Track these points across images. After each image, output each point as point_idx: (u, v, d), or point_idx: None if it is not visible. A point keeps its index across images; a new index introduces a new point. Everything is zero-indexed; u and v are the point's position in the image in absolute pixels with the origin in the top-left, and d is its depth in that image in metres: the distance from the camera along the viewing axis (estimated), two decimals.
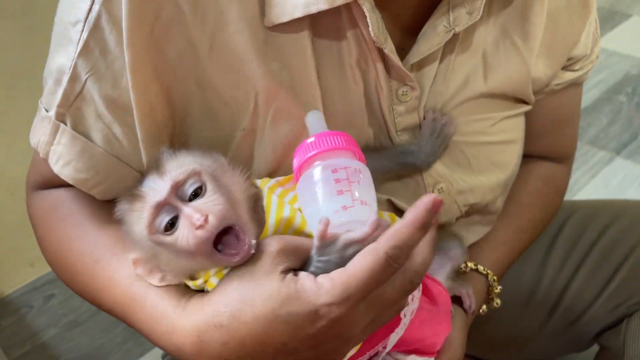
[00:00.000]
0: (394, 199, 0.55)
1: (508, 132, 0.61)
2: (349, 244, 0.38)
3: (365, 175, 0.40)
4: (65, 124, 0.46)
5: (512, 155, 0.63)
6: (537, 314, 0.77)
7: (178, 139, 0.48)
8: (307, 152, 0.41)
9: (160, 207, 0.39)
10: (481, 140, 0.59)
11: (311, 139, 0.41)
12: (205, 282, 0.41)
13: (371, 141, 0.53)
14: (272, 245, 0.39)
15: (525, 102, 0.61)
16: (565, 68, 0.60)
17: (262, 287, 0.38)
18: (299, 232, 0.42)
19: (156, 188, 0.39)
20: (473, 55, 0.54)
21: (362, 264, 0.37)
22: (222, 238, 0.39)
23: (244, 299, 0.38)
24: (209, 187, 0.40)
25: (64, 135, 0.47)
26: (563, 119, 0.68)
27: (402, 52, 0.49)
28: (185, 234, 0.38)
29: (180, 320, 0.40)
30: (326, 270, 0.38)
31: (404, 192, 0.57)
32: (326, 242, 0.38)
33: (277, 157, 0.49)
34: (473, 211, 0.62)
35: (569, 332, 0.78)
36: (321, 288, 0.37)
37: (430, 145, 0.53)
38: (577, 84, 0.64)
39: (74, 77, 0.44)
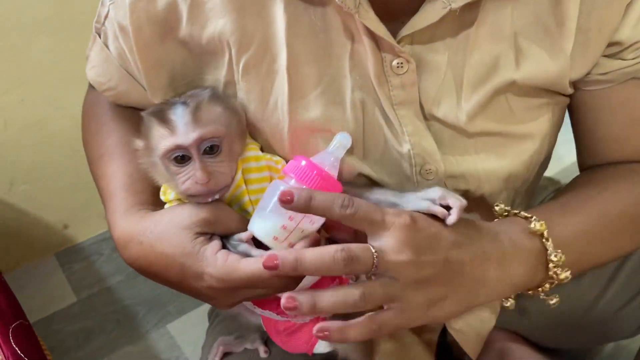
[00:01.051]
0: (373, 175, 0.55)
1: (527, 124, 0.57)
2: (247, 253, 0.48)
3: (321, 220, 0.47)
4: (100, 36, 0.58)
5: (523, 151, 0.58)
6: (588, 294, 0.77)
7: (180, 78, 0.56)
8: (303, 169, 0.47)
9: (180, 148, 0.47)
10: (493, 130, 0.56)
11: (318, 161, 0.48)
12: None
13: (360, 111, 0.53)
14: (202, 212, 0.49)
15: (560, 94, 0.56)
16: (612, 56, 0.54)
17: (178, 235, 0.48)
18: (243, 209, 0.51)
19: (184, 130, 0.47)
20: (502, 38, 0.51)
21: (250, 267, 0.45)
22: None
23: (163, 236, 0.49)
24: (223, 151, 0.48)
25: (96, 45, 0.59)
26: (638, 119, 0.58)
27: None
28: (187, 181, 0.47)
29: (122, 222, 0.53)
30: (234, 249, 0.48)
31: (388, 168, 0.56)
32: (242, 239, 0.48)
33: (255, 110, 0.53)
34: (470, 203, 0.53)
35: (619, 315, 0.77)
36: (215, 260, 0.47)
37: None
38: None
39: (104, 2, 0.55)
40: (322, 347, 0.60)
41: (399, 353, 0.74)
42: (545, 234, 0.51)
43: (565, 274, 0.52)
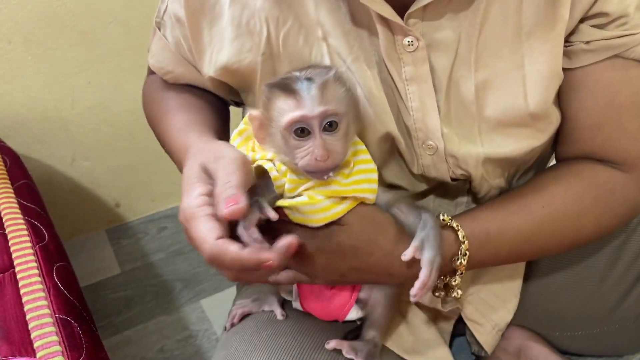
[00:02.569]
0: (398, 135, 0.58)
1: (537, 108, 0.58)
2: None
3: None
4: (159, 29, 0.66)
5: (529, 138, 0.60)
6: (608, 298, 0.77)
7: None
8: None
9: (304, 120, 0.48)
10: (500, 116, 0.58)
11: None
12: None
13: (380, 83, 0.57)
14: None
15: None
16: (597, 27, 0.55)
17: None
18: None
19: (311, 103, 0.48)
20: (508, 16, 0.53)
21: (239, 254, 0.46)
22: None
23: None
24: (341, 130, 0.49)
25: (156, 37, 0.66)
26: (620, 104, 0.59)
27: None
28: (306, 157, 0.49)
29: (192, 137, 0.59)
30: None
31: (402, 135, 0.59)
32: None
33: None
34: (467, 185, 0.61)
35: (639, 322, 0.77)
36: (209, 238, 0.47)
37: None
38: (631, 61, 0.56)
39: None
40: (354, 314, 0.64)
41: (411, 339, 0.75)
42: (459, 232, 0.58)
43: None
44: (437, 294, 0.62)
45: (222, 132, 0.69)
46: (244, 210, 0.46)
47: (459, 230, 0.58)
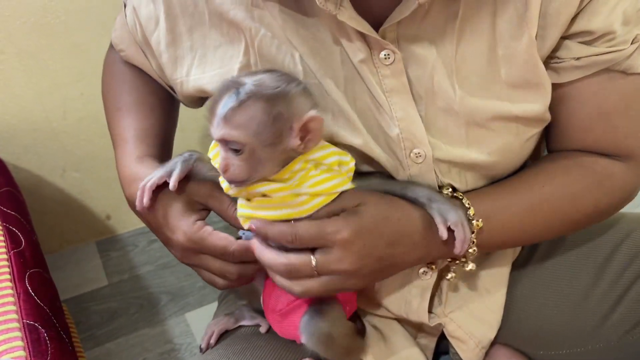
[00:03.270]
0: (381, 156, 0.59)
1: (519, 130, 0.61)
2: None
3: None
4: (125, 6, 0.68)
5: (511, 144, 0.61)
6: (592, 316, 0.75)
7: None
8: None
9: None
10: (483, 122, 0.59)
11: None
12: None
13: (353, 100, 0.58)
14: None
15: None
16: (585, 43, 0.56)
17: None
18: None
19: (216, 125, 0.50)
20: (483, 30, 0.55)
21: (218, 240, 0.57)
22: None
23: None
24: (244, 154, 0.50)
25: (120, 14, 0.70)
26: (608, 110, 0.61)
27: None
28: (219, 162, 0.51)
29: (132, 165, 0.64)
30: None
31: (385, 150, 0.60)
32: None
33: None
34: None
35: (624, 341, 0.75)
36: (192, 224, 0.57)
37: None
38: (617, 73, 0.58)
39: None
40: None
41: (391, 356, 0.74)
42: (475, 231, 0.59)
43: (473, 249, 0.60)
44: (449, 276, 0.66)
45: (167, 133, 0.73)
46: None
47: (462, 197, 0.60)
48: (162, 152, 0.66)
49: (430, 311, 0.73)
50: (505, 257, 0.77)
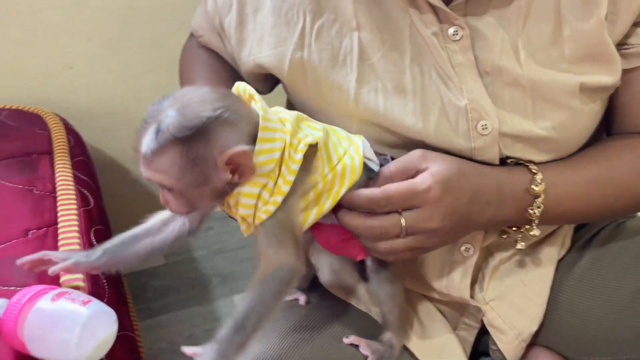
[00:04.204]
0: (431, 136, 0.60)
1: (584, 100, 0.62)
2: None
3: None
4: None
5: (578, 120, 0.62)
6: (638, 324, 0.73)
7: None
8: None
9: None
10: (549, 95, 0.60)
11: None
12: None
13: (419, 75, 0.60)
14: None
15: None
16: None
17: None
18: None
19: (142, 164, 0.47)
20: (548, 12, 0.58)
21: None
22: None
23: None
24: (175, 195, 0.49)
25: (201, 4, 0.73)
26: None
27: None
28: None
29: None
30: None
31: (445, 128, 0.61)
32: None
33: (326, 65, 0.62)
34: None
35: None
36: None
37: None
38: None
39: None
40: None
41: (428, 342, 0.74)
42: (542, 195, 0.60)
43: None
44: (518, 243, 0.64)
45: None
46: None
47: (529, 164, 0.61)
48: None
49: (471, 297, 0.73)
50: (552, 252, 0.76)
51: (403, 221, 0.56)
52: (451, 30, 0.58)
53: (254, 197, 0.50)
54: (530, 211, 0.62)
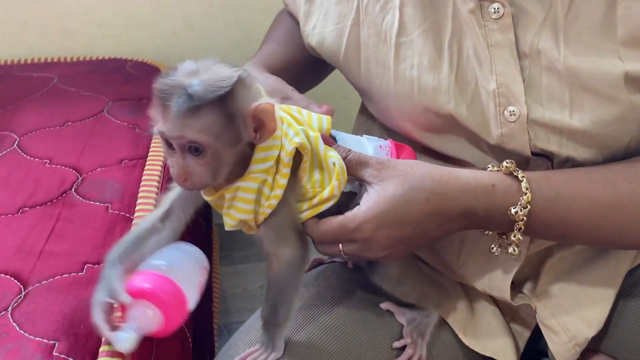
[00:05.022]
0: (462, 115, 0.60)
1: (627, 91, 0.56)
2: None
3: None
4: None
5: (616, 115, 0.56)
6: None
7: None
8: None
9: (166, 137, 0.48)
10: (588, 84, 0.56)
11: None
12: None
13: (456, 54, 0.60)
14: None
15: None
16: None
17: None
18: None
19: (173, 123, 0.46)
20: None
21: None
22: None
23: None
24: (207, 157, 0.48)
25: None
26: None
27: None
28: (171, 169, 0.49)
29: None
30: None
31: (476, 109, 0.60)
32: None
33: (373, 42, 0.64)
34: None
35: None
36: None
37: None
38: None
39: None
40: None
41: (473, 322, 0.74)
42: (524, 219, 0.56)
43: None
44: (493, 247, 0.61)
45: (291, 67, 0.77)
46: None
47: (522, 180, 0.56)
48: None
49: (521, 291, 0.71)
50: (623, 259, 0.71)
51: (342, 250, 0.56)
52: (492, 7, 0.56)
53: (253, 192, 0.51)
54: (513, 237, 0.58)
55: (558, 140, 0.59)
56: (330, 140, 0.58)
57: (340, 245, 0.57)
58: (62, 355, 0.48)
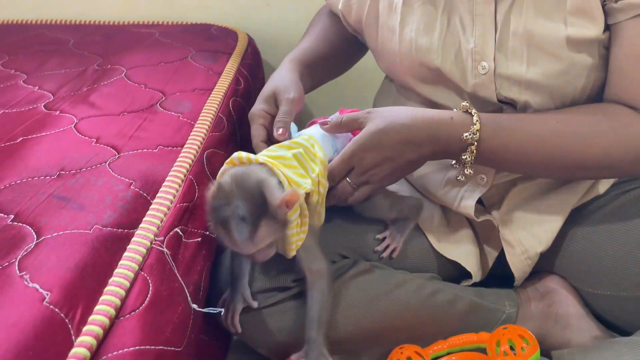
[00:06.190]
0: (446, 69, 0.75)
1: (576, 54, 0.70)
2: None
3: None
4: None
5: (576, 70, 0.69)
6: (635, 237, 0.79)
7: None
8: None
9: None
10: (541, 44, 0.69)
11: None
12: None
13: (446, 22, 0.75)
14: None
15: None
16: None
17: None
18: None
19: (236, 246, 0.65)
20: None
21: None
22: None
23: None
24: (268, 249, 0.67)
25: None
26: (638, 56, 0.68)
27: None
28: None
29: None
30: None
31: (458, 65, 0.75)
32: None
33: (385, 13, 0.81)
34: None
35: None
36: (255, 139, 0.79)
37: None
38: None
39: None
40: None
41: (445, 231, 0.90)
42: (475, 143, 0.72)
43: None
44: (457, 176, 0.77)
45: (323, 61, 0.95)
46: (286, 139, 0.76)
47: (474, 115, 0.72)
48: (308, 70, 0.90)
49: (489, 213, 0.87)
50: (573, 193, 0.85)
51: (350, 182, 0.75)
52: None
53: (296, 235, 0.69)
54: (463, 156, 0.73)
55: (518, 90, 0.75)
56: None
57: (347, 179, 0.75)
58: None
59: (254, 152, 0.73)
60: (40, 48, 1.25)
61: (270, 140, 0.79)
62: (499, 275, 0.90)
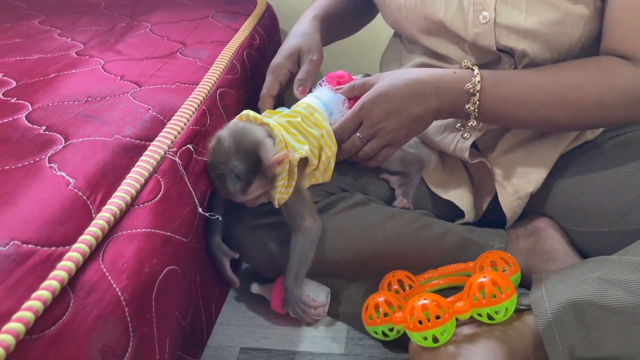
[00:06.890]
0: (447, 20, 0.81)
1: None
2: None
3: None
4: None
5: (573, 21, 0.73)
6: (624, 200, 0.82)
7: None
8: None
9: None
10: None
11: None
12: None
13: None
14: None
15: None
16: None
17: None
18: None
19: (229, 196, 0.76)
20: None
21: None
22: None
23: None
24: (257, 199, 0.78)
25: None
26: (634, 6, 0.71)
27: None
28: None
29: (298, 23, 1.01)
30: None
31: (460, 15, 0.80)
32: None
33: None
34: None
35: None
36: (265, 89, 0.89)
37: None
38: None
39: None
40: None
41: (443, 177, 0.96)
42: (477, 94, 0.78)
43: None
44: (458, 125, 0.85)
45: (340, 20, 1.02)
46: (304, 95, 0.86)
47: (475, 69, 0.78)
48: (326, 24, 0.99)
49: (486, 158, 0.92)
50: (563, 138, 0.90)
51: (360, 135, 0.82)
52: None
53: (279, 193, 0.77)
54: (467, 107, 0.78)
55: (516, 38, 0.80)
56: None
57: (357, 133, 0.82)
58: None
59: (260, 102, 0.82)
60: (74, 10, 1.35)
61: (278, 98, 0.87)
62: (492, 221, 0.96)
